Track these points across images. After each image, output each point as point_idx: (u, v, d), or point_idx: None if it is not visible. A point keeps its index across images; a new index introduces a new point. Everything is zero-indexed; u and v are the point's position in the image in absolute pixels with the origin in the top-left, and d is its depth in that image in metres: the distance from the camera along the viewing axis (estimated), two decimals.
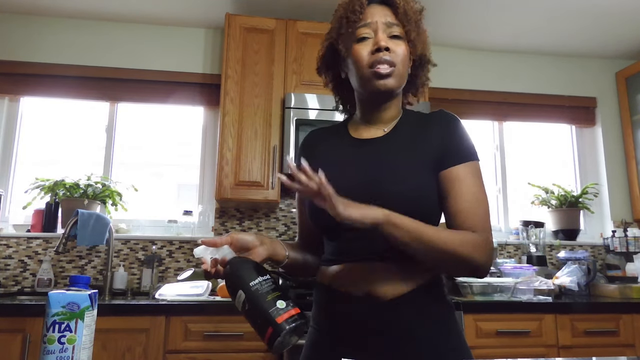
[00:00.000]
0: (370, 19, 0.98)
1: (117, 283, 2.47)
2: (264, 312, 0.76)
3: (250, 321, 0.79)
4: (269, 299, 0.77)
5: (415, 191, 0.93)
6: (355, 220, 0.80)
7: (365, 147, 1.01)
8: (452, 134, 0.98)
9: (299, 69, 2.60)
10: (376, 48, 0.95)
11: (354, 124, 1.08)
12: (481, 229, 0.91)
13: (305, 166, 0.79)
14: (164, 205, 2.88)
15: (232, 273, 0.82)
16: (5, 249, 2.54)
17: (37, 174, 2.64)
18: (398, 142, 0.99)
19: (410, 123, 1.03)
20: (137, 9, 2.75)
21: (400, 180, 0.93)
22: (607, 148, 3.21)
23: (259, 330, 0.77)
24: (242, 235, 0.93)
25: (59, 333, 0.76)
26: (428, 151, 0.96)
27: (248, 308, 0.78)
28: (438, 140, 0.97)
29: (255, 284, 0.79)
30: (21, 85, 2.73)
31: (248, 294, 0.78)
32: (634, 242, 2.78)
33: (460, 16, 2.81)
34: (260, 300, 0.77)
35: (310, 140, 1.13)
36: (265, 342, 0.76)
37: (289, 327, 0.75)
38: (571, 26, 2.91)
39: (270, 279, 0.81)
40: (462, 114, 3.12)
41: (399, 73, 0.97)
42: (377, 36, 0.96)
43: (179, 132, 2.96)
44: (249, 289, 0.78)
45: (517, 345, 2.12)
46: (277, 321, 0.75)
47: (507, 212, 3.16)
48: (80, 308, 0.78)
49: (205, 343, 1.95)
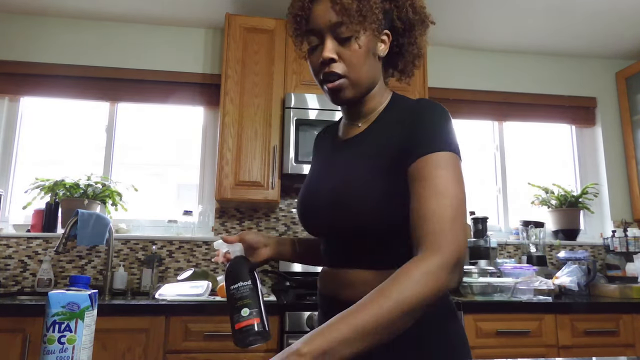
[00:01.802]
0: (313, 23, 0.88)
1: (117, 283, 2.47)
2: (231, 315, 0.87)
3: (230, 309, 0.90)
4: (238, 305, 0.86)
5: (372, 200, 0.83)
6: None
7: (339, 150, 0.97)
8: (420, 123, 0.83)
9: (299, 69, 2.60)
10: (321, 61, 0.87)
11: (342, 121, 1.05)
12: (436, 235, 0.72)
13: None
14: (164, 205, 2.88)
15: (226, 271, 0.93)
16: (5, 249, 2.54)
17: (37, 174, 2.64)
18: (366, 143, 0.91)
19: (391, 116, 0.91)
20: (137, 9, 2.75)
21: (356, 187, 0.86)
22: (607, 148, 3.21)
23: (231, 325, 0.88)
24: (250, 236, 1.02)
25: (59, 333, 0.76)
26: (396, 146, 0.85)
27: (228, 306, 0.90)
28: (407, 133, 0.84)
29: (233, 288, 0.88)
30: (21, 85, 2.73)
31: (228, 295, 0.89)
32: (634, 242, 2.78)
33: (461, 16, 2.81)
34: (232, 304, 0.88)
35: (315, 143, 1.13)
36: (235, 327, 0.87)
37: (241, 335, 0.85)
38: (571, 26, 2.91)
39: (249, 286, 0.89)
40: (462, 114, 3.12)
41: (352, 81, 0.87)
42: (323, 45, 0.87)
43: (179, 132, 2.96)
44: (228, 291, 0.89)
45: (517, 345, 2.12)
46: (235, 327, 0.86)
47: (507, 212, 3.16)
48: (80, 308, 0.78)
49: (205, 343, 1.95)
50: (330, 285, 0.95)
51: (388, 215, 0.83)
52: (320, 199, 0.93)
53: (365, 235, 0.86)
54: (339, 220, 0.88)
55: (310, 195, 0.97)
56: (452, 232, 0.72)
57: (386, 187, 0.83)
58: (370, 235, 0.85)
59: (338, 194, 0.88)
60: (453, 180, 0.77)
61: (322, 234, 0.97)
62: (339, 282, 0.92)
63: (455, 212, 0.74)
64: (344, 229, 0.88)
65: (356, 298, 0.72)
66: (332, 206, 0.89)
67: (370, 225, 0.84)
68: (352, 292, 0.87)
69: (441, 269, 0.70)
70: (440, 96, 3.02)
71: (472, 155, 3.21)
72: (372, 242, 0.86)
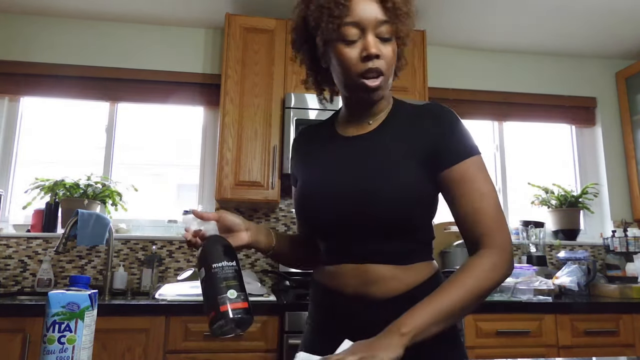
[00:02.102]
0: (357, 17, 0.86)
1: (117, 283, 2.47)
2: (214, 295, 0.78)
3: (203, 297, 0.81)
4: (223, 285, 0.79)
5: (400, 191, 0.87)
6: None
7: (351, 145, 0.97)
8: (449, 130, 0.91)
9: (299, 69, 2.58)
10: (366, 55, 0.86)
11: (342, 119, 1.03)
12: (493, 233, 0.85)
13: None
14: (164, 205, 2.88)
15: (204, 249, 0.84)
16: (5, 249, 2.54)
17: (37, 174, 2.64)
18: (385, 138, 0.94)
19: (400, 116, 0.96)
20: (137, 9, 2.75)
21: (383, 179, 0.88)
22: (607, 148, 3.21)
23: (206, 309, 0.79)
24: (230, 217, 0.93)
25: (59, 333, 0.76)
26: (419, 148, 0.90)
27: (204, 287, 0.81)
28: (433, 137, 0.90)
29: (217, 267, 0.80)
30: (21, 85, 2.73)
31: (207, 274, 0.80)
32: (634, 242, 2.78)
33: (460, 16, 2.80)
34: (215, 283, 0.79)
35: (297, 143, 1.09)
36: (208, 322, 0.78)
37: (230, 317, 0.76)
38: (571, 26, 2.91)
39: (234, 267, 0.82)
40: (462, 114, 3.12)
41: (386, 80, 0.91)
42: (366, 39, 0.87)
43: (179, 132, 2.96)
44: (210, 269, 0.80)
45: (517, 345, 2.12)
46: (221, 309, 0.76)
47: (507, 212, 3.16)
48: (80, 308, 0.78)
49: (205, 343, 1.95)
50: (353, 281, 0.91)
51: (413, 207, 0.89)
52: (341, 194, 0.91)
53: (394, 227, 0.89)
54: (372, 212, 0.87)
55: (323, 190, 0.94)
56: (504, 229, 0.87)
57: (413, 182, 0.89)
58: (397, 227, 0.89)
59: (370, 186, 0.89)
60: (489, 180, 0.90)
61: (341, 229, 0.92)
62: (364, 278, 0.91)
63: (499, 208, 0.88)
64: (377, 221, 0.88)
65: (389, 293, 0.88)
66: (363, 199, 0.88)
67: (401, 216, 0.88)
68: (384, 288, 0.89)
69: (504, 262, 0.85)
70: (440, 96, 3.02)
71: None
72: (395, 235, 0.90)
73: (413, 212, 0.89)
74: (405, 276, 0.90)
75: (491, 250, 0.85)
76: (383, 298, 0.89)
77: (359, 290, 0.91)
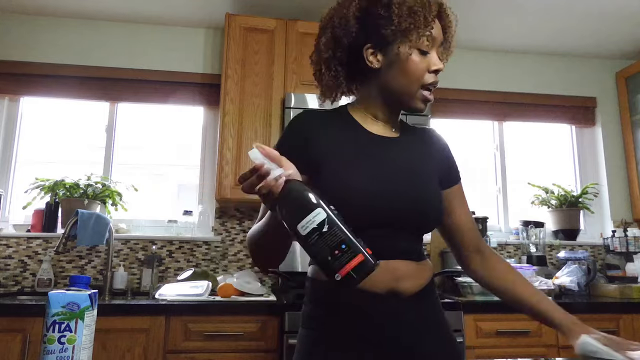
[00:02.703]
0: (435, 32, 0.95)
1: (117, 283, 2.47)
2: (350, 239, 0.66)
3: (319, 249, 0.66)
4: (351, 228, 0.68)
5: (437, 198, 0.99)
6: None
7: (384, 145, 0.98)
8: (452, 153, 1.10)
9: (299, 69, 2.60)
10: (436, 69, 0.95)
11: (359, 113, 1.01)
12: (482, 240, 1.11)
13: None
14: (164, 205, 2.88)
15: (301, 192, 0.68)
16: (5, 249, 2.54)
17: (37, 174, 2.64)
18: (411, 148, 1.02)
19: (411, 132, 1.07)
20: (137, 9, 2.75)
21: (427, 185, 0.98)
22: (607, 148, 3.22)
23: (339, 258, 0.65)
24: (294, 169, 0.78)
25: (59, 333, 0.76)
26: (436, 164, 1.04)
27: (326, 230, 0.66)
28: (443, 159, 1.06)
29: (334, 210, 0.68)
30: (21, 85, 2.73)
31: (330, 216, 0.66)
32: (634, 242, 2.78)
33: (461, 16, 2.79)
34: (345, 226, 0.67)
35: (311, 125, 0.97)
36: (342, 273, 0.65)
37: (378, 261, 0.66)
38: (571, 26, 2.91)
39: (336, 213, 0.69)
40: (462, 114, 3.13)
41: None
42: (434, 55, 0.96)
43: (179, 132, 2.96)
44: (330, 212, 0.67)
45: (517, 345, 2.12)
46: (367, 250, 0.66)
47: (507, 212, 3.16)
48: (80, 308, 0.78)
49: (205, 343, 1.95)
50: (384, 277, 0.90)
51: (440, 213, 1.01)
52: (394, 191, 0.92)
53: (427, 228, 0.99)
54: (418, 212, 0.94)
55: (374, 186, 0.91)
56: None
57: (438, 189, 1.02)
58: (428, 228, 1.00)
59: (420, 187, 0.96)
60: None
61: (385, 226, 0.91)
62: (395, 275, 0.91)
63: None
64: (419, 221, 0.96)
65: (416, 288, 0.94)
66: (414, 200, 0.94)
67: (436, 220, 1.00)
68: (410, 283, 0.94)
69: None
70: (440, 96, 3.02)
71: (472, 155, 3.21)
72: (422, 234, 1.00)
73: (438, 217, 1.00)
74: (421, 272, 0.97)
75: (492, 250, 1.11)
76: (410, 293, 0.93)
77: (390, 286, 0.91)
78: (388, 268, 0.91)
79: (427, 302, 0.97)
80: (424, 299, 0.96)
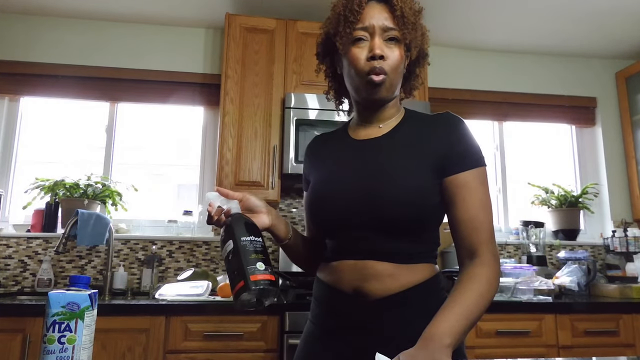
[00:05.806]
0: (367, 21, 0.96)
1: (117, 283, 2.47)
2: (242, 266, 0.81)
3: (228, 271, 0.84)
4: (252, 257, 0.82)
5: (411, 194, 0.91)
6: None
7: (363, 147, 1.01)
8: (459, 138, 0.95)
9: (299, 69, 2.60)
10: (371, 55, 0.94)
11: (353, 124, 1.08)
12: (489, 244, 0.90)
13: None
14: (164, 205, 2.88)
15: (230, 224, 0.87)
16: (5, 249, 2.54)
17: (37, 174, 2.64)
18: (396, 142, 0.98)
19: (411, 124, 1.01)
20: (137, 9, 2.75)
21: (396, 182, 0.92)
22: (607, 148, 3.21)
23: (232, 281, 0.81)
24: (253, 199, 0.98)
25: (59, 333, 0.76)
26: (429, 153, 0.95)
27: (231, 258, 0.83)
28: (442, 144, 0.95)
29: (245, 240, 0.84)
30: (21, 85, 2.73)
31: (236, 246, 0.83)
32: (634, 242, 2.78)
33: (461, 16, 2.81)
34: (244, 255, 0.82)
35: (312, 148, 1.14)
36: (233, 293, 0.81)
37: (259, 287, 0.79)
38: (571, 26, 2.91)
39: (261, 242, 0.86)
40: (462, 114, 3.12)
41: (390, 82, 0.96)
42: (372, 41, 0.95)
43: (178, 132, 2.96)
44: (238, 242, 0.83)
45: (517, 345, 2.12)
46: (251, 278, 0.79)
47: (507, 212, 3.16)
48: (80, 308, 0.78)
49: (205, 343, 1.95)
50: (351, 276, 0.94)
51: (422, 209, 0.92)
52: (353, 192, 0.95)
53: (401, 227, 0.92)
54: (381, 211, 0.91)
55: (336, 190, 0.97)
56: (495, 242, 0.92)
57: (421, 185, 0.92)
58: (404, 228, 0.92)
59: (380, 186, 0.92)
60: (489, 194, 0.95)
61: (349, 226, 0.95)
62: (363, 274, 0.93)
63: (492, 222, 0.93)
64: (385, 220, 0.91)
65: (383, 290, 0.90)
66: (373, 198, 0.92)
67: (407, 217, 0.91)
68: (379, 284, 0.91)
69: (499, 272, 0.91)
70: (440, 96, 3.03)
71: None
72: (401, 235, 0.93)
73: (419, 214, 0.92)
74: (402, 275, 0.92)
75: (490, 261, 0.89)
76: (378, 296, 0.91)
77: (355, 285, 0.93)
78: (357, 268, 0.94)
79: (404, 309, 0.90)
80: (396, 305, 0.90)
